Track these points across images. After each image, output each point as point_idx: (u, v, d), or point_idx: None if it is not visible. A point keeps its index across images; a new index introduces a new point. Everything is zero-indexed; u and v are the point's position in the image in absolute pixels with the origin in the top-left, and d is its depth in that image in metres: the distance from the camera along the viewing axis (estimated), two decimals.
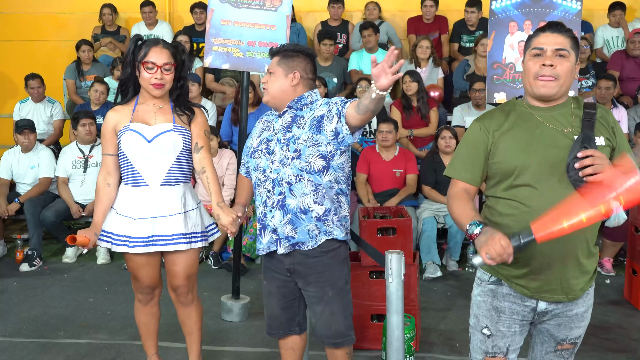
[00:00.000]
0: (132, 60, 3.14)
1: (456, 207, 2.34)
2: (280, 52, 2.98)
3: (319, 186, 2.87)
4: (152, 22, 8.01)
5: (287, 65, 2.95)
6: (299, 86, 2.96)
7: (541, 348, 2.48)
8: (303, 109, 2.95)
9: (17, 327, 4.51)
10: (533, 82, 2.29)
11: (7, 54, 8.49)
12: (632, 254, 5.00)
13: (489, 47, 5.14)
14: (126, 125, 3.16)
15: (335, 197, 2.92)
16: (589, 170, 2.16)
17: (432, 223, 5.71)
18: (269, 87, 2.97)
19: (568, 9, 4.90)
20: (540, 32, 2.32)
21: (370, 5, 7.95)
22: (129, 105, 3.21)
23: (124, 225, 3.17)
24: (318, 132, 2.86)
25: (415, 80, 6.51)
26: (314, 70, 3.03)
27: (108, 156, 3.21)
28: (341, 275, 2.97)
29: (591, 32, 7.81)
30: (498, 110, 2.41)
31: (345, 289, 3.00)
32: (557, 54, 2.27)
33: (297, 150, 2.87)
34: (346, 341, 3.03)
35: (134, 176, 3.17)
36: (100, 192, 3.20)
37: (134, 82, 3.19)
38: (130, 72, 3.16)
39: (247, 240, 5.80)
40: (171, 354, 4.03)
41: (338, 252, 2.95)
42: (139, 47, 3.12)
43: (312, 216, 2.88)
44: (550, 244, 2.24)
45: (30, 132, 6.27)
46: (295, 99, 2.95)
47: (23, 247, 6.08)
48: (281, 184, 2.89)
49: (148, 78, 3.11)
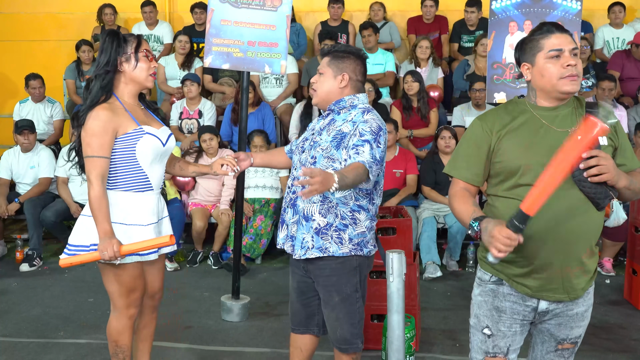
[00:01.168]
0: (114, 56, 2.92)
1: (457, 205, 2.35)
2: (331, 53, 2.94)
3: (327, 199, 2.84)
4: (152, 22, 8.01)
5: (337, 66, 2.91)
6: (347, 88, 2.92)
7: (541, 348, 2.48)
8: (340, 112, 2.91)
9: (17, 327, 4.51)
10: (557, 82, 2.27)
11: (7, 54, 8.49)
12: (632, 254, 5.00)
13: (489, 47, 5.15)
14: (137, 128, 2.94)
15: (350, 213, 2.86)
16: (593, 171, 2.16)
17: (432, 223, 5.71)
18: (317, 88, 2.95)
19: (568, 9, 4.91)
20: (548, 34, 2.30)
21: (375, 6, 7.95)
22: (116, 105, 2.96)
23: (137, 234, 2.97)
24: (337, 148, 2.82)
25: (417, 80, 6.51)
26: (364, 72, 2.97)
27: (104, 159, 2.88)
28: (349, 283, 2.91)
29: (591, 32, 7.81)
30: (501, 110, 2.40)
31: (354, 297, 2.93)
32: (573, 53, 2.28)
33: (314, 157, 2.86)
34: (351, 348, 2.99)
35: (142, 181, 2.99)
36: (104, 201, 2.86)
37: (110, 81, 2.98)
38: (111, 68, 2.94)
39: (247, 240, 5.80)
40: (171, 354, 4.02)
41: (348, 260, 2.90)
42: (124, 40, 2.96)
43: (311, 226, 2.86)
44: (552, 244, 2.25)
45: (30, 132, 6.27)
46: (335, 102, 2.92)
47: (23, 247, 6.08)
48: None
49: (146, 68, 2.98)
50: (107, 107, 2.91)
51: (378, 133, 2.80)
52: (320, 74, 2.94)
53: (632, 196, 2.32)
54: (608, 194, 2.23)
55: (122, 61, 2.95)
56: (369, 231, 2.93)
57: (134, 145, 2.94)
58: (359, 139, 2.76)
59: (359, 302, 2.97)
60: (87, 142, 2.88)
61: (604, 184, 2.20)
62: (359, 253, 2.90)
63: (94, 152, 2.87)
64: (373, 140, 2.76)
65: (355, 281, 2.93)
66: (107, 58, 2.93)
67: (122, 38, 2.96)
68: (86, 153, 2.89)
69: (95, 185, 2.85)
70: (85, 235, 2.94)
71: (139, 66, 2.97)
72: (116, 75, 2.97)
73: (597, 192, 2.22)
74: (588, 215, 2.26)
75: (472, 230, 2.21)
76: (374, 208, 2.94)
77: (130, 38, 2.99)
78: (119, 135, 2.92)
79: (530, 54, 2.33)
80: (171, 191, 6.04)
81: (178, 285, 5.30)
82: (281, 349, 4.05)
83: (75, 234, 3.00)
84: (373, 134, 2.77)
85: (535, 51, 2.31)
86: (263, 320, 4.59)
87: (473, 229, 2.21)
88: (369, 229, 2.93)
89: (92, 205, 2.85)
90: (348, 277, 2.90)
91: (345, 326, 2.95)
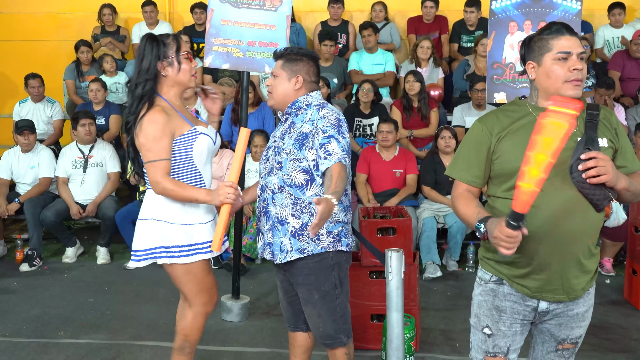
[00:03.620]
0: (154, 62, 2.89)
1: (460, 208, 2.36)
2: (284, 56, 2.98)
3: (299, 200, 2.87)
4: (152, 22, 8.02)
5: (291, 69, 2.95)
6: (302, 90, 2.96)
7: (542, 348, 2.48)
8: (298, 114, 2.95)
9: (17, 327, 4.51)
10: (562, 85, 2.26)
11: (7, 54, 8.49)
12: (632, 254, 5.00)
13: (489, 47, 5.14)
14: (191, 129, 2.93)
15: None
16: (592, 172, 2.16)
17: (432, 223, 5.71)
18: (273, 91, 2.99)
19: (568, 9, 4.90)
20: (559, 35, 2.28)
21: (377, 7, 7.95)
22: (167, 107, 2.92)
23: (198, 233, 2.96)
24: (300, 149, 2.86)
25: (418, 80, 6.51)
26: (317, 73, 3.02)
27: (167, 161, 2.86)
28: (328, 280, 2.95)
29: (591, 32, 7.81)
30: (501, 112, 2.40)
31: (333, 293, 2.96)
32: (580, 57, 2.27)
33: (280, 162, 2.90)
34: (335, 343, 3.03)
35: (197, 181, 2.98)
36: (178, 183, 2.86)
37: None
38: (152, 76, 2.90)
39: (247, 240, 5.80)
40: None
41: (325, 258, 2.93)
42: (163, 43, 2.92)
43: (287, 229, 2.89)
44: (551, 244, 2.25)
45: (30, 133, 6.27)
46: (290, 104, 2.96)
47: (23, 247, 6.08)
48: (266, 191, 2.95)
49: (189, 69, 2.96)
50: (161, 110, 2.88)
51: (339, 124, 2.85)
52: (275, 77, 2.98)
53: (631, 198, 2.31)
54: (607, 195, 2.23)
55: (165, 66, 2.91)
56: (346, 223, 2.96)
57: (190, 147, 2.92)
58: (323, 136, 2.80)
59: (340, 297, 2.99)
60: (148, 148, 2.84)
61: (602, 185, 2.20)
62: (337, 247, 2.92)
63: (157, 155, 2.84)
64: (337, 133, 2.82)
65: (334, 278, 2.96)
66: (147, 65, 2.89)
67: (161, 42, 2.92)
68: (148, 158, 2.85)
69: (164, 181, 2.83)
70: (150, 238, 2.93)
71: (182, 69, 2.94)
72: (159, 79, 2.94)
73: (596, 193, 2.21)
74: (587, 216, 2.25)
75: (479, 232, 2.22)
76: (347, 199, 2.97)
77: (168, 41, 2.94)
78: (175, 137, 2.89)
79: (538, 53, 2.31)
80: None
81: None
82: (281, 349, 4.05)
83: (139, 239, 2.97)
84: (334, 127, 2.83)
85: (544, 51, 2.29)
86: (263, 320, 4.59)
87: (480, 232, 2.22)
88: (345, 222, 2.95)
89: (175, 193, 2.83)
90: (326, 274, 2.94)
91: (327, 322, 2.98)
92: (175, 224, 2.92)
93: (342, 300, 3.01)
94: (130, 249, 5.91)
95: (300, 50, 3.01)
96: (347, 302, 3.05)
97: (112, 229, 6.03)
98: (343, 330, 3.02)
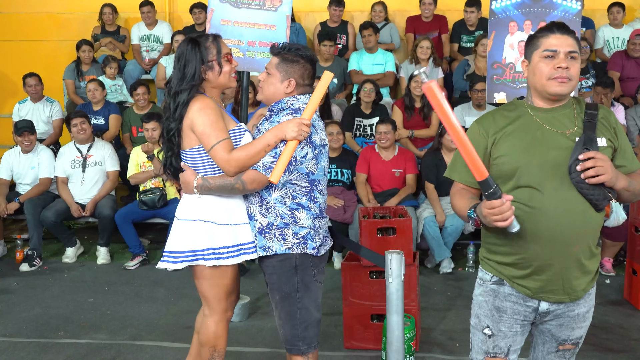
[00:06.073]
0: (199, 67, 2.83)
1: (455, 202, 2.40)
2: (281, 54, 2.88)
3: (264, 200, 2.85)
4: (151, 22, 8.02)
5: (286, 70, 2.86)
6: (293, 93, 2.89)
7: (542, 348, 2.48)
8: (279, 113, 2.86)
9: (17, 327, 4.51)
10: (546, 82, 2.28)
11: (7, 54, 8.49)
12: (632, 254, 5.00)
13: (489, 47, 5.14)
14: (239, 125, 2.91)
15: (289, 212, 2.82)
16: (590, 173, 2.16)
17: (433, 222, 5.71)
18: (264, 87, 2.93)
19: (568, 9, 4.90)
20: (549, 33, 2.30)
21: (377, 7, 7.95)
22: (212, 102, 2.86)
23: (243, 232, 2.90)
24: (284, 143, 2.77)
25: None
26: (312, 76, 2.93)
27: (228, 140, 2.79)
28: (289, 282, 2.86)
29: (593, 28, 7.80)
30: (499, 112, 2.41)
31: (294, 296, 2.86)
32: (569, 56, 2.27)
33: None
34: (293, 350, 2.92)
35: None
36: (245, 146, 2.80)
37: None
38: (198, 82, 2.84)
39: None
40: (171, 354, 4.02)
41: (288, 259, 2.84)
42: (204, 45, 2.86)
43: (254, 225, 2.88)
44: (551, 245, 2.25)
45: (30, 133, 6.27)
46: (275, 103, 2.89)
47: (23, 247, 6.08)
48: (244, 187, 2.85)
49: (229, 71, 2.92)
50: (205, 97, 2.84)
51: None
52: (269, 74, 2.90)
53: (631, 198, 2.31)
54: (606, 195, 2.23)
55: (205, 70, 2.86)
56: (314, 230, 2.86)
57: (237, 144, 2.84)
58: None
59: (301, 302, 2.88)
60: (208, 134, 2.76)
61: (602, 185, 2.20)
62: (302, 249, 2.83)
63: (217, 137, 2.76)
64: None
65: (295, 280, 2.86)
66: (193, 70, 2.83)
67: (202, 46, 2.86)
68: (210, 144, 2.76)
69: (233, 155, 2.74)
70: (196, 240, 2.87)
71: (223, 71, 2.91)
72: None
73: (595, 193, 2.21)
74: (587, 216, 2.25)
75: (471, 220, 2.24)
76: (316, 206, 2.87)
77: (208, 44, 2.87)
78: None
79: (529, 51, 2.35)
80: (171, 191, 6.03)
81: (178, 285, 5.30)
82: (281, 349, 4.03)
83: (182, 240, 2.90)
84: None
85: (533, 49, 2.33)
86: (263, 320, 4.59)
87: (472, 219, 2.24)
88: (312, 228, 2.86)
89: (249, 156, 2.74)
90: (287, 275, 2.86)
91: (286, 326, 2.92)
92: (221, 224, 2.86)
93: (304, 306, 2.88)
94: (130, 249, 6.00)
95: (299, 50, 2.90)
96: (313, 310, 2.91)
97: (110, 228, 6.03)
98: (303, 338, 2.90)
